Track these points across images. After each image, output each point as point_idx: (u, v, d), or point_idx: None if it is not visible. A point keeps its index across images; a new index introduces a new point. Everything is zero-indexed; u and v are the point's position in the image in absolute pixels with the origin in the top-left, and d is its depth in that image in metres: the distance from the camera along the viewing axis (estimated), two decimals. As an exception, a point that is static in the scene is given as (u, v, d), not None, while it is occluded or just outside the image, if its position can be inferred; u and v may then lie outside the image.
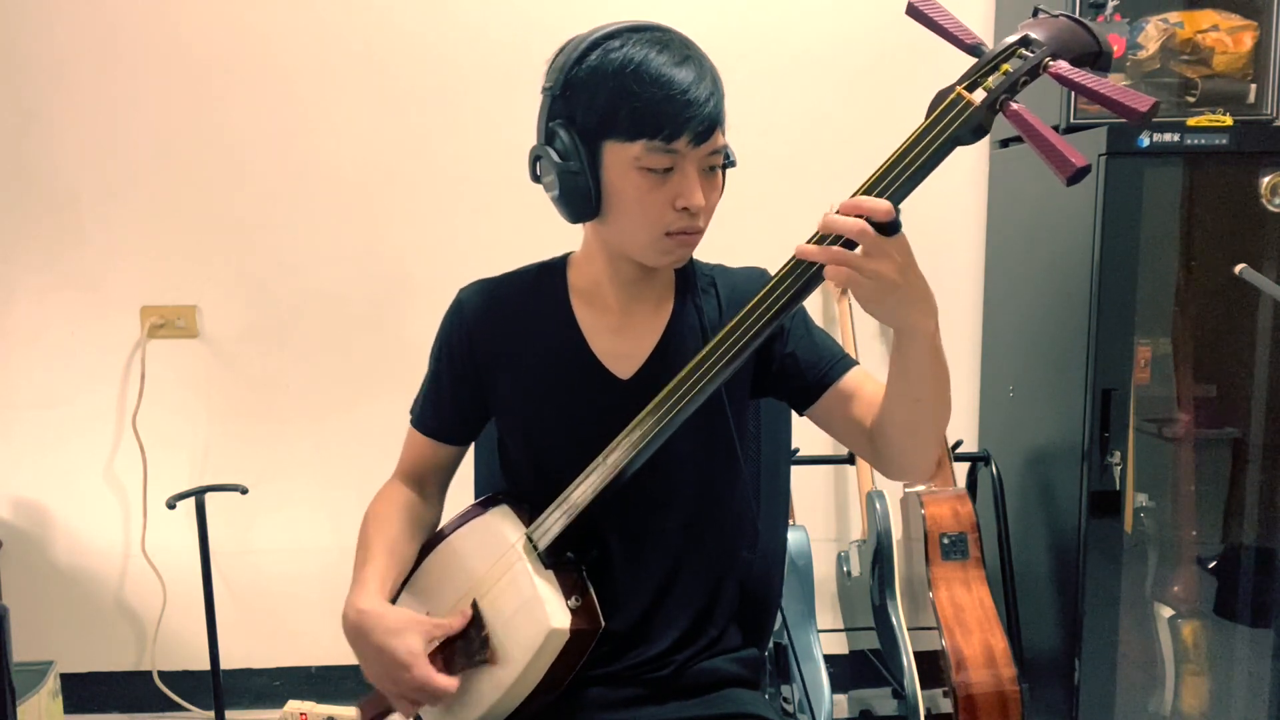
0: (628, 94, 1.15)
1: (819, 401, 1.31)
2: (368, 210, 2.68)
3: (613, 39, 1.18)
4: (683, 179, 1.18)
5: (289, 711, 2.46)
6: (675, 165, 1.18)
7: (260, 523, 2.76)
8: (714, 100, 1.17)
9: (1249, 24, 2.31)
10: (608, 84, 1.17)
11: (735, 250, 1.47)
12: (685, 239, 1.23)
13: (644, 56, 1.16)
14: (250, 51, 2.62)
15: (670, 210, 1.20)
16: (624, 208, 1.22)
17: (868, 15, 2.64)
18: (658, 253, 1.24)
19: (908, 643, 2.29)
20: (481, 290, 1.38)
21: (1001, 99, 0.97)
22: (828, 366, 1.30)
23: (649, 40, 1.18)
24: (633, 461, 1.21)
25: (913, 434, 1.21)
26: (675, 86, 1.15)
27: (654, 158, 1.16)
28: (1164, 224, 2.33)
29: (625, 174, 1.19)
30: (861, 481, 2.54)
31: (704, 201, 1.20)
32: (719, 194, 1.26)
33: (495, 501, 1.37)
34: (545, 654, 1.22)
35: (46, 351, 2.69)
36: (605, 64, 1.17)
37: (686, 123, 1.15)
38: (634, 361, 1.32)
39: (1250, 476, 2.40)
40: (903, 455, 1.24)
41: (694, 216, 1.21)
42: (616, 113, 1.16)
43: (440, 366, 1.40)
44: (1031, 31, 0.98)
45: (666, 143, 1.15)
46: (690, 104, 1.15)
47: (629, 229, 1.24)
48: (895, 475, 1.29)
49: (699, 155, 1.18)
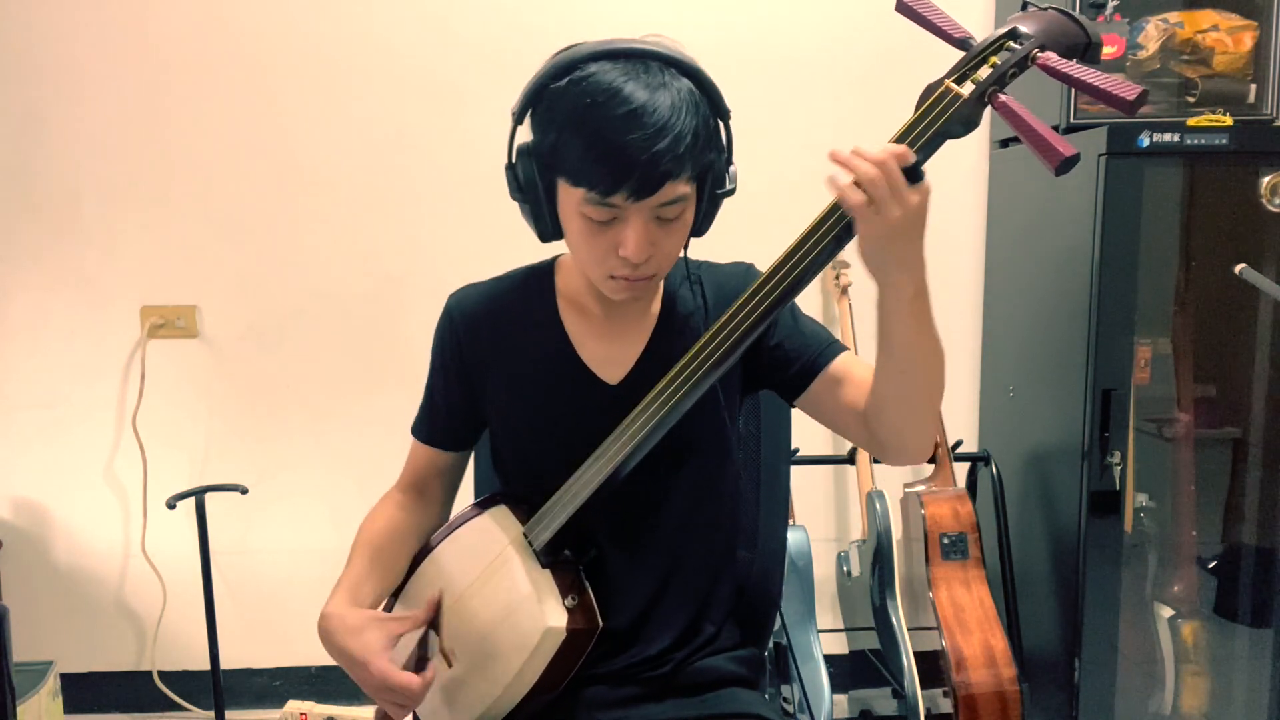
0: (576, 135, 1.10)
1: (809, 389, 1.28)
2: (367, 210, 2.68)
3: (579, 66, 1.12)
4: (623, 228, 1.14)
5: (289, 711, 2.46)
6: (617, 216, 1.14)
7: (260, 523, 2.77)
8: (669, 153, 1.08)
9: (1249, 24, 2.31)
10: (560, 118, 1.12)
11: (734, 250, 1.46)
12: (630, 285, 1.20)
13: (600, 91, 1.09)
14: (250, 52, 2.62)
15: (613, 256, 1.16)
16: (573, 244, 1.22)
17: (859, 15, 2.64)
18: (608, 290, 1.23)
19: (908, 643, 2.29)
20: (469, 296, 1.38)
21: (990, 91, 0.97)
22: (816, 353, 1.28)
23: (616, 71, 1.10)
24: (627, 461, 1.20)
25: (907, 410, 1.17)
26: (621, 136, 1.07)
27: (592, 209, 1.13)
28: (1164, 224, 2.33)
29: (571, 215, 1.17)
30: (861, 481, 2.54)
31: (644, 254, 1.15)
32: (679, 237, 1.21)
33: (493, 502, 1.37)
34: (542, 653, 1.22)
35: (46, 351, 2.70)
36: (563, 97, 1.12)
37: (626, 178, 1.08)
38: (622, 366, 1.32)
39: (1250, 476, 2.40)
40: (898, 435, 1.19)
41: (636, 266, 1.17)
42: (564, 155, 1.13)
43: (435, 374, 1.40)
44: (1020, 24, 0.98)
45: (603, 196, 1.11)
46: (632, 159, 1.07)
47: (581, 263, 1.24)
48: (893, 458, 1.24)
49: (644, 207, 1.13)
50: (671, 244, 1.19)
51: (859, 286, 2.64)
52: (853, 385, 1.25)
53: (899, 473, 2.62)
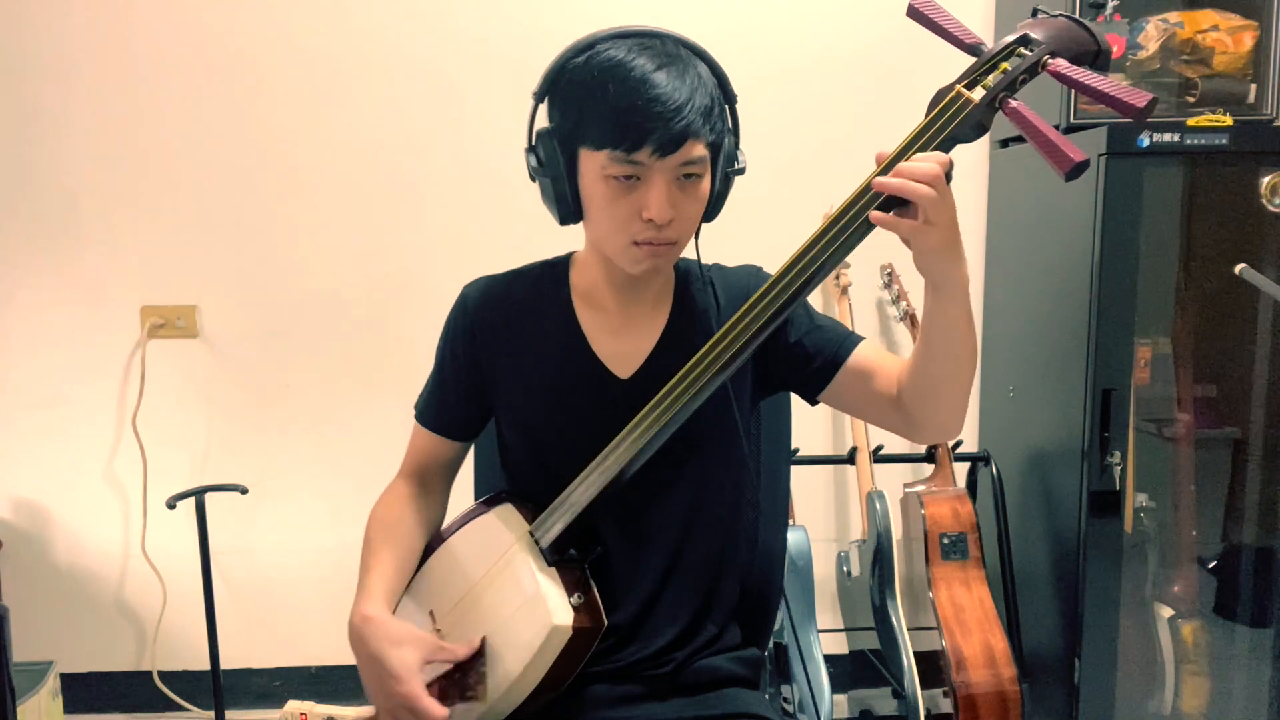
0: (597, 102, 1.15)
1: (833, 382, 1.30)
2: (368, 210, 2.68)
3: (595, 46, 1.18)
4: (648, 189, 1.17)
5: (289, 711, 2.45)
6: (641, 175, 1.17)
7: (260, 523, 2.76)
8: (690, 110, 1.14)
9: (1249, 24, 2.31)
10: (581, 91, 1.17)
11: (736, 251, 1.47)
12: (653, 250, 1.22)
13: (619, 63, 1.15)
14: (250, 52, 2.62)
15: (637, 220, 1.19)
16: (595, 215, 1.23)
17: (869, 18, 2.64)
18: (629, 261, 1.25)
19: (908, 643, 2.29)
20: (486, 287, 1.39)
21: (1000, 96, 0.98)
22: (837, 345, 1.30)
23: (632, 46, 1.17)
24: (634, 460, 1.21)
25: (951, 389, 1.21)
26: (641, 97, 1.13)
27: (617, 167, 1.16)
28: (1164, 224, 2.33)
29: (594, 182, 1.19)
30: (861, 481, 2.54)
31: (668, 214, 1.18)
32: (699, 204, 1.24)
33: (499, 500, 1.37)
34: (547, 651, 1.22)
35: (46, 351, 2.69)
36: (580, 73, 1.18)
37: (649, 134, 1.13)
38: (634, 361, 1.33)
39: (1250, 476, 2.40)
40: (939, 414, 1.24)
41: (660, 228, 1.20)
42: (586, 120, 1.17)
43: (444, 362, 1.41)
44: (1031, 31, 0.99)
45: (628, 153, 1.15)
46: (656, 115, 1.13)
47: (602, 236, 1.25)
48: (929, 437, 1.29)
49: (667, 166, 1.16)
50: (692, 210, 1.22)
51: (858, 287, 2.64)
52: (880, 373, 1.28)
53: (899, 473, 2.62)
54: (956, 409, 1.24)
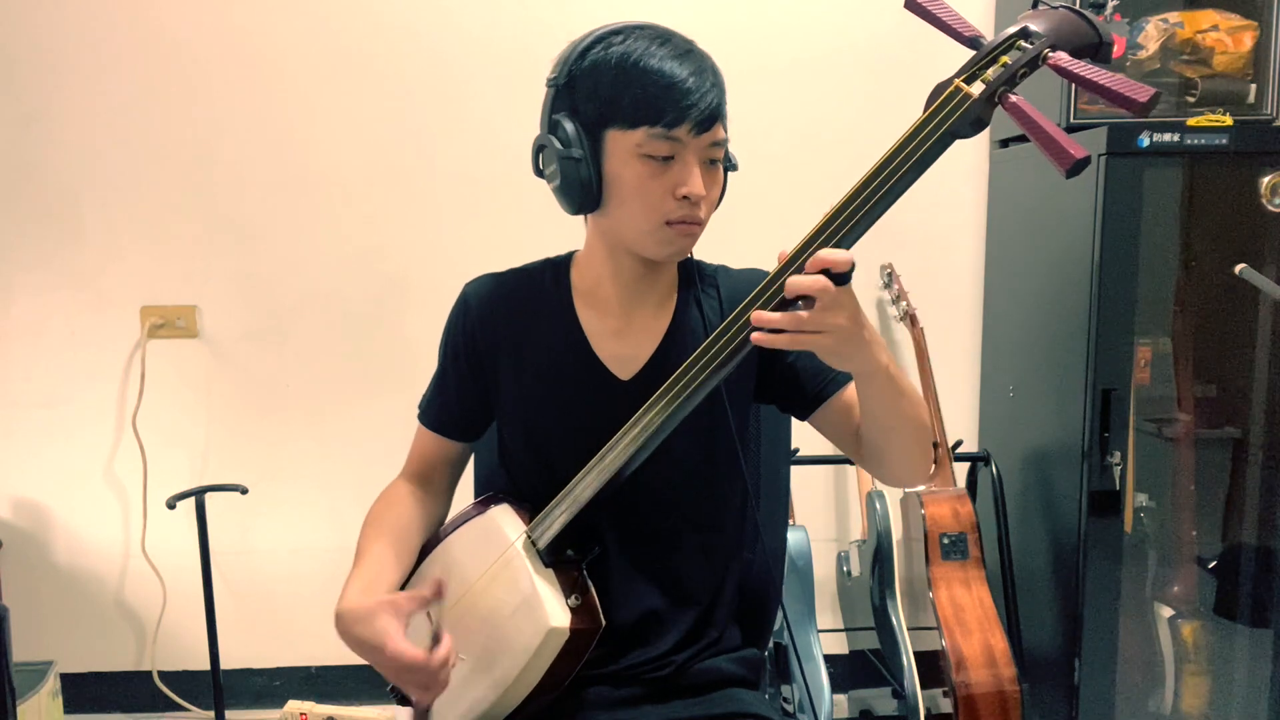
0: (630, 83, 1.18)
1: (816, 412, 1.33)
2: (368, 210, 2.68)
3: (615, 35, 1.22)
4: (683, 167, 1.20)
5: (289, 711, 2.46)
6: (676, 154, 1.19)
7: (260, 523, 2.76)
8: (715, 92, 1.20)
9: (1249, 24, 2.31)
10: (610, 74, 1.19)
11: (735, 250, 1.47)
12: (685, 229, 1.23)
13: (645, 49, 1.19)
14: (250, 52, 2.62)
15: (670, 199, 1.20)
16: (624, 196, 1.22)
17: (867, 13, 2.64)
18: (657, 243, 1.24)
19: (908, 643, 2.29)
20: (486, 285, 1.39)
21: (1000, 91, 0.97)
22: (826, 380, 1.31)
23: (651, 35, 1.21)
24: (632, 460, 1.21)
25: (898, 452, 1.24)
26: (676, 76, 1.17)
27: (655, 144, 1.18)
28: (1164, 224, 2.33)
29: (627, 162, 1.20)
30: (861, 481, 2.54)
31: (704, 191, 1.21)
32: (720, 189, 1.27)
33: (496, 500, 1.37)
34: (545, 653, 1.22)
35: (46, 351, 2.69)
36: (608, 56, 1.20)
37: (688, 110, 1.17)
38: (635, 363, 1.32)
39: (1250, 476, 2.40)
40: (892, 468, 1.27)
41: (694, 206, 1.21)
42: (619, 101, 1.18)
43: (446, 361, 1.40)
44: (1031, 23, 0.98)
45: (668, 129, 1.17)
46: (691, 93, 1.17)
47: (629, 218, 1.24)
48: (892, 483, 1.33)
49: (699, 145, 1.20)
50: (714, 194, 1.26)
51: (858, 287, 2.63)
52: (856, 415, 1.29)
53: (899, 472, 2.62)
54: (911, 465, 1.26)
